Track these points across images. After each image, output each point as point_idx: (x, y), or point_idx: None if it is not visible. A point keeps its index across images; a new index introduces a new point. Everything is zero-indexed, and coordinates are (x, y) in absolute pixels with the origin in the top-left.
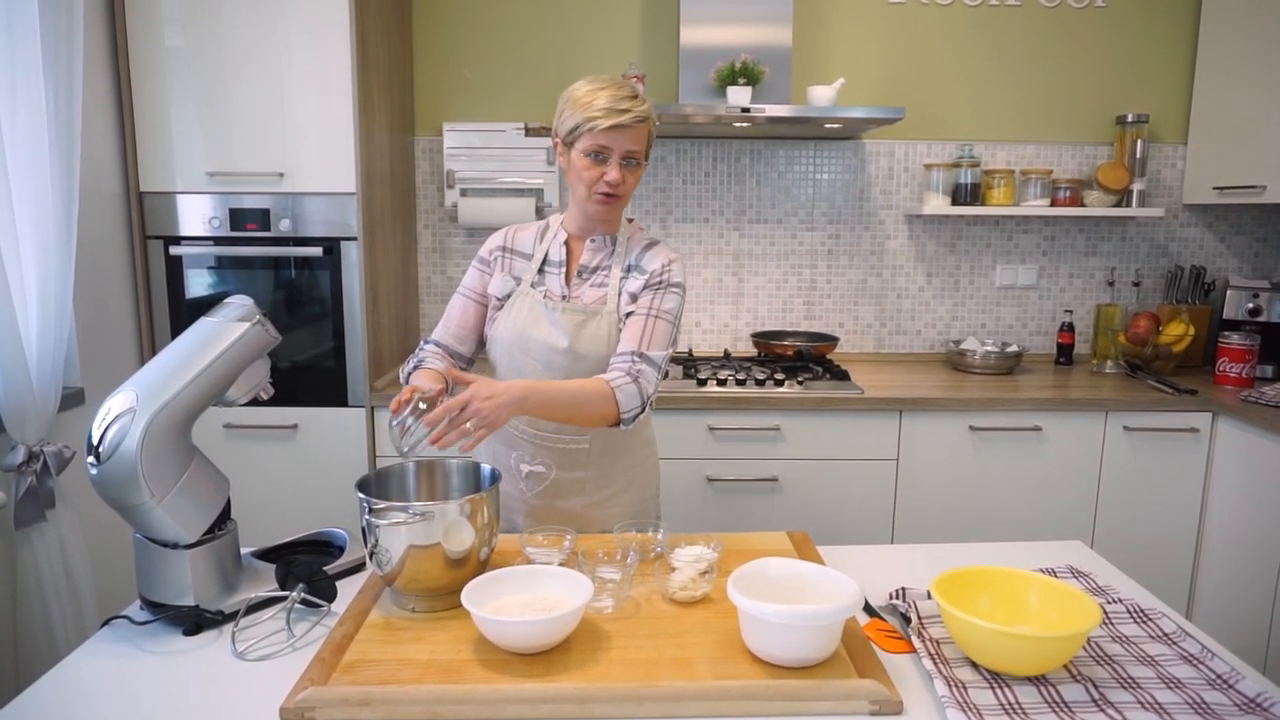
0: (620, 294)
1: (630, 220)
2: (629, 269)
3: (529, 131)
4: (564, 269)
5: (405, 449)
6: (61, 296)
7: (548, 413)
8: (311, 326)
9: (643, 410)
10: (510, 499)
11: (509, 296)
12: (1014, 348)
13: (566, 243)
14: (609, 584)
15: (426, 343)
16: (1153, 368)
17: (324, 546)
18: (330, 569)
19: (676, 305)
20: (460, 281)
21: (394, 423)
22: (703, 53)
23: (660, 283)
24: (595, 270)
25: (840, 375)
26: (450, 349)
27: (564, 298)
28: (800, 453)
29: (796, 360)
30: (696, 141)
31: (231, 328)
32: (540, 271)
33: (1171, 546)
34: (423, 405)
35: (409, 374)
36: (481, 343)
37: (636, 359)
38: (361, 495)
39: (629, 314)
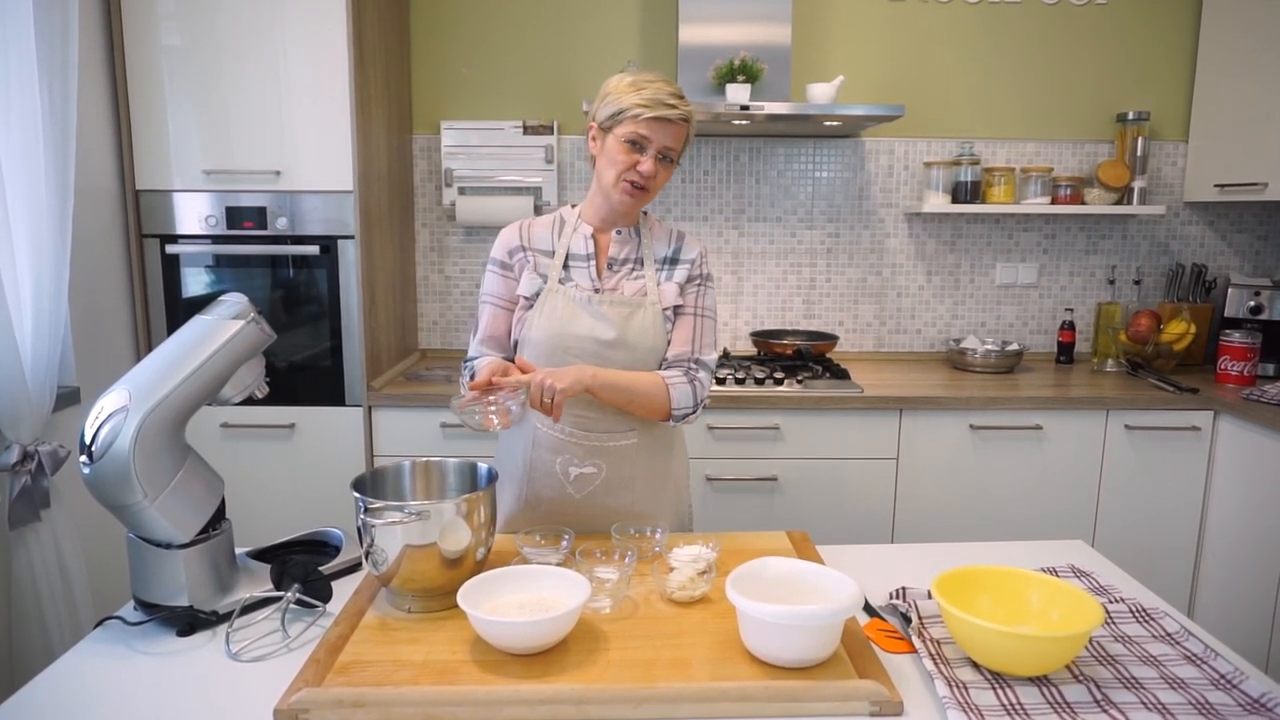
0: (660, 285)
1: (645, 214)
2: (667, 260)
3: (527, 129)
4: (592, 262)
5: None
6: (56, 295)
7: (608, 394)
8: (308, 325)
9: (695, 410)
10: (559, 505)
11: (537, 295)
12: (1014, 346)
13: (593, 235)
14: (606, 584)
15: (466, 361)
16: (1154, 366)
17: (320, 546)
18: (326, 569)
19: (714, 300)
20: (482, 288)
21: (476, 408)
22: (701, 51)
23: (700, 276)
24: (625, 263)
25: (840, 374)
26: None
27: (597, 290)
28: (800, 452)
29: (796, 359)
30: (695, 139)
31: (225, 325)
32: (565, 267)
33: (1173, 545)
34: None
35: (468, 383)
36: (514, 347)
37: (693, 365)
38: (357, 495)
39: (678, 309)
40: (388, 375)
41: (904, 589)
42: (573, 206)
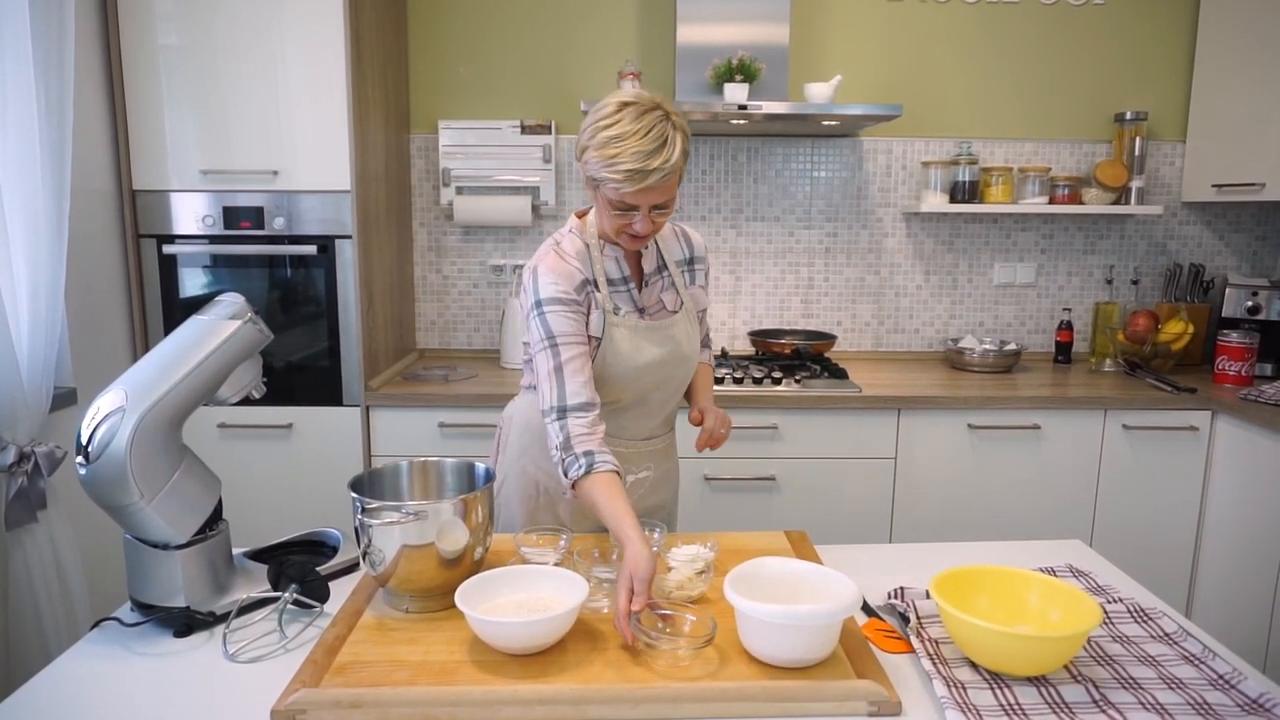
0: (688, 288)
1: None
2: (685, 262)
3: (525, 129)
4: (631, 284)
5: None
6: (53, 296)
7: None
8: (306, 325)
9: None
10: None
11: (603, 330)
12: (1012, 346)
13: (624, 258)
14: (604, 584)
15: (567, 411)
16: (1151, 366)
17: (317, 547)
18: (323, 569)
19: None
20: (551, 329)
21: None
22: (699, 50)
23: (708, 267)
24: (655, 274)
25: (838, 374)
26: (597, 405)
27: (643, 311)
28: (798, 451)
29: (794, 359)
30: (693, 139)
31: (222, 326)
32: (610, 296)
33: (1171, 545)
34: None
35: (576, 478)
36: None
37: (707, 344)
38: (354, 495)
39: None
40: (385, 375)
41: (902, 589)
42: (579, 216)
